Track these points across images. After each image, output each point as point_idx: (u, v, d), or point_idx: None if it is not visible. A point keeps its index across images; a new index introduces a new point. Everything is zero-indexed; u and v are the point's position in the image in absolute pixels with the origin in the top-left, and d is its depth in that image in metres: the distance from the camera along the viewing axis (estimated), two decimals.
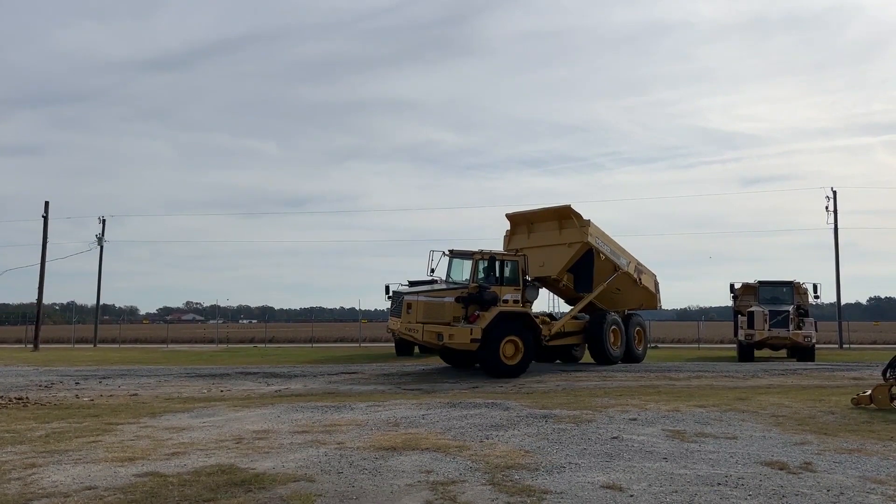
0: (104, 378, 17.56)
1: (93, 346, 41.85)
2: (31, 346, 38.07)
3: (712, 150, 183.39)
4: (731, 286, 27.53)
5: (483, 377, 17.71)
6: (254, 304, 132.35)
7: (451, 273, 18.77)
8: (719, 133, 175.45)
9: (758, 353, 26.05)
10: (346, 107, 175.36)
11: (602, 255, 20.95)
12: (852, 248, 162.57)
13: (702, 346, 38.20)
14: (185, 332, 57.79)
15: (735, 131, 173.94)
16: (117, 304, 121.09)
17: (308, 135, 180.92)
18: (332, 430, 8.90)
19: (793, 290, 26.00)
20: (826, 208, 39.08)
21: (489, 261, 18.18)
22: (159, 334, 50.67)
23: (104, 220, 45.24)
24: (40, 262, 39.08)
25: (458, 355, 19.47)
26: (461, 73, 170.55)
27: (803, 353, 24.71)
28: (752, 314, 24.71)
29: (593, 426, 9.12)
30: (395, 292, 18.80)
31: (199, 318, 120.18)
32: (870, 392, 10.94)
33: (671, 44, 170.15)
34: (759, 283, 26.58)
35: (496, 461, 7.06)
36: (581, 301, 21.75)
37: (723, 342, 38.59)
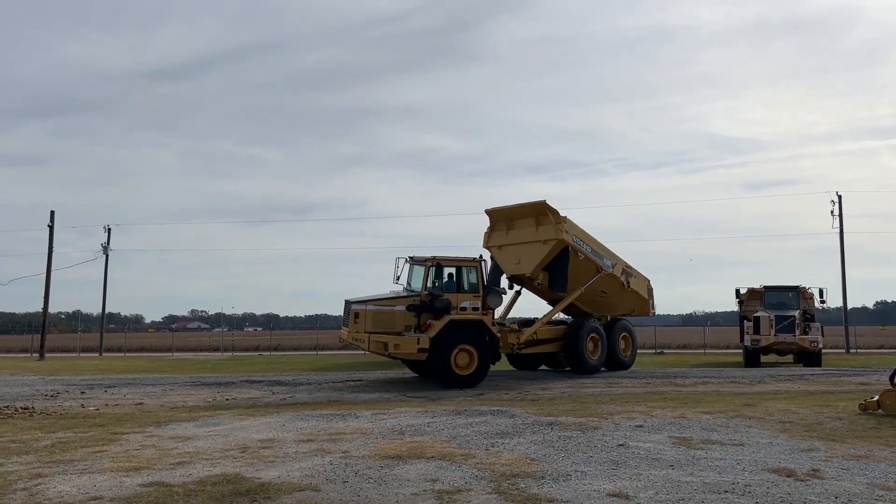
0: (110, 387, 17.58)
1: (98, 354, 41.89)
2: (36, 355, 38.12)
3: (717, 155, 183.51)
4: (737, 291, 27.45)
5: (489, 385, 17.66)
6: (259, 312, 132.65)
7: (411, 281, 18.29)
8: (724, 138, 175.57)
9: (764, 359, 25.94)
10: (349, 114, 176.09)
11: (580, 255, 20.06)
12: (858, 252, 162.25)
13: (707, 351, 38.07)
14: (190, 340, 57.88)
15: (739, 136, 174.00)
16: (123, 313, 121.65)
17: (312, 143, 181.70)
18: (337, 439, 8.89)
19: (799, 294, 25.92)
20: (831, 212, 38.99)
21: (443, 267, 17.71)
22: (164, 343, 50.69)
23: (109, 229, 45.26)
24: (46, 271, 39.19)
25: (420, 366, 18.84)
26: (464, 79, 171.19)
27: (810, 358, 24.60)
28: (757, 319, 24.63)
29: (599, 433, 9.09)
30: (346, 301, 18.17)
31: (204, 326, 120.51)
32: (877, 397, 10.87)
33: (674, 49, 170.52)
34: (765, 287, 26.52)
35: (502, 469, 7.04)
36: (557, 305, 21.03)
37: (728, 347, 38.45)
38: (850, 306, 40.09)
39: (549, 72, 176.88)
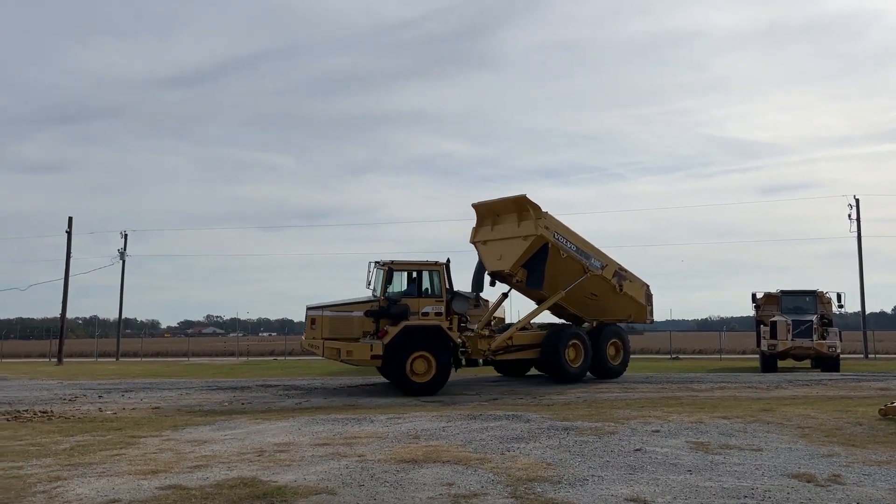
0: (127, 391, 17.70)
1: (115, 359, 42.22)
2: (55, 359, 38.47)
3: (731, 160, 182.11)
4: (753, 296, 27.21)
5: (504, 389, 17.64)
6: (273, 317, 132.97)
7: (377, 286, 17.60)
8: (738, 142, 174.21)
9: (781, 364, 25.68)
10: (362, 120, 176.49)
11: (563, 253, 19.10)
12: (876, 257, 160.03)
13: (723, 356, 37.78)
14: (205, 345, 58.17)
15: (754, 140, 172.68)
16: (139, 318, 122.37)
17: (326, 149, 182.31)
18: (352, 443, 8.90)
19: (816, 299, 25.66)
20: (849, 216, 38.59)
21: (402, 272, 17.42)
22: (180, 348, 51.01)
23: (126, 235, 45.71)
24: (64, 276, 39.57)
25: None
26: (477, 85, 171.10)
27: (828, 363, 24.33)
28: (774, 324, 24.40)
29: (616, 438, 9.04)
30: (307, 307, 17.79)
31: (219, 331, 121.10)
32: None
33: (687, 53, 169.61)
34: (782, 292, 26.28)
35: (518, 474, 7.01)
36: (536, 309, 20.43)
37: (745, 352, 38.15)
38: (868, 311, 39.60)
39: (563, 77, 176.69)
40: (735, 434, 9.33)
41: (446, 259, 17.90)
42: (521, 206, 19.08)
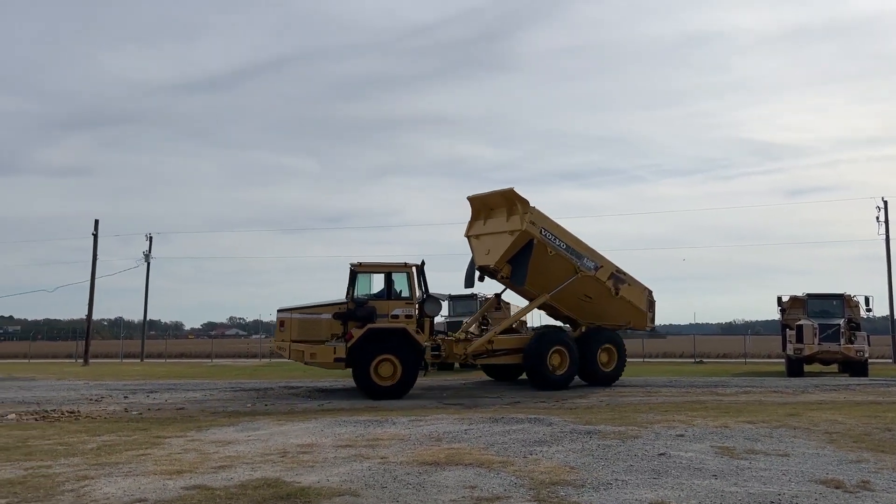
0: (151, 392, 17.90)
1: (140, 360, 42.72)
2: (81, 360, 39.01)
3: (754, 161, 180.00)
4: (779, 299, 26.87)
5: (525, 392, 17.57)
6: None
7: (357, 288, 17.46)
8: (761, 144, 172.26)
9: (807, 368, 25.35)
10: (383, 124, 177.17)
11: (550, 250, 18.34)
12: None
13: (748, 360, 37.34)
14: (228, 346, 58.71)
15: (778, 142, 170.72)
16: (163, 320, 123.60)
17: (347, 152, 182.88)
18: (375, 445, 8.92)
19: (843, 302, 25.26)
20: (877, 219, 37.96)
21: (370, 274, 17.26)
22: (204, 349, 51.46)
23: (151, 238, 46.19)
24: (90, 278, 40.12)
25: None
26: (498, 88, 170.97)
27: (855, 368, 23.97)
28: (800, 328, 24.08)
29: (639, 442, 8.96)
30: (277, 310, 17.62)
31: (242, 332, 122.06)
32: None
33: (709, 54, 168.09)
34: (808, 295, 25.90)
35: (541, 477, 6.98)
36: (521, 311, 19.92)
37: (770, 357, 37.66)
38: None
39: (584, 79, 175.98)
40: (761, 439, 9.22)
41: (420, 261, 17.65)
42: (510, 200, 18.55)
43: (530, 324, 24.39)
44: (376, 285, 17.50)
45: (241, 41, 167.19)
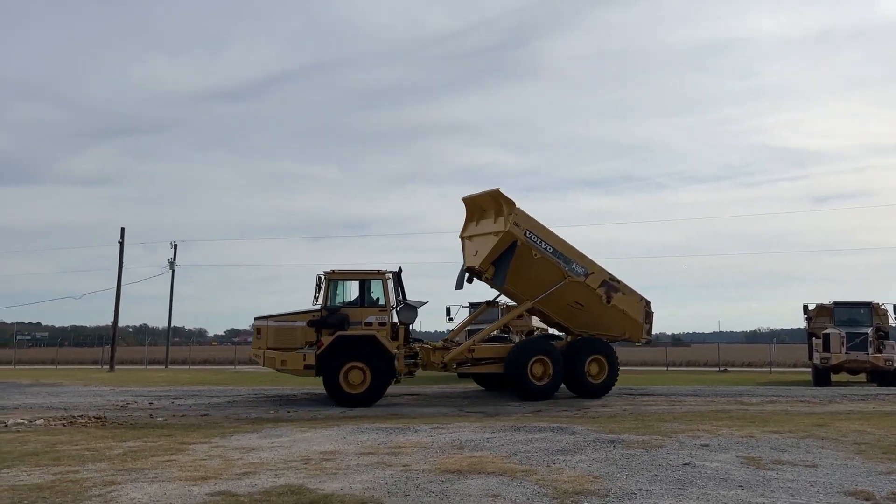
0: (176, 398, 18.07)
1: (164, 367, 43.15)
2: (107, 367, 39.46)
3: (779, 168, 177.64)
4: (805, 307, 26.48)
5: (548, 401, 17.46)
6: None
7: (333, 295, 17.35)
8: (786, 150, 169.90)
9: (835, 378, 24.94)
10: (405, 131, 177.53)
11: (535, 253, 17.72)
12: None
13: (774, 369, 36.86)
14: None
15: (803, 148, 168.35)
16: (187, 327, 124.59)
17: (369, 160, 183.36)
18: (397, 452, 8.93)
19: (871, 311, 24.86)
20: None
21: (343, 281, 17.28)
22: (227, 356, 51.77)
23: (175, 246, 46.66)
24: (116, 285, 40.62)
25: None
26: (520, 95, 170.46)
27: (884, 377, 23.55)
28: (827, 336, 23.72)
29: (663, 452, 8.89)
30: (254, 318, 17.65)
31: None
32: None
33: (733, 61, 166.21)
34: (835, 303, 25.53)
35: (564, 486, 6.95)
36: (504, 317, 19.67)
37: (796, 365, 37.14)
38: None
39: (605, 86, 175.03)
40: (788, 449, 9.09)
41: (398, 268, 17.58)
42: (497, 201, 18.22)
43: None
44: (353, 293, 17.52)
45: (266, 50, 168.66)
